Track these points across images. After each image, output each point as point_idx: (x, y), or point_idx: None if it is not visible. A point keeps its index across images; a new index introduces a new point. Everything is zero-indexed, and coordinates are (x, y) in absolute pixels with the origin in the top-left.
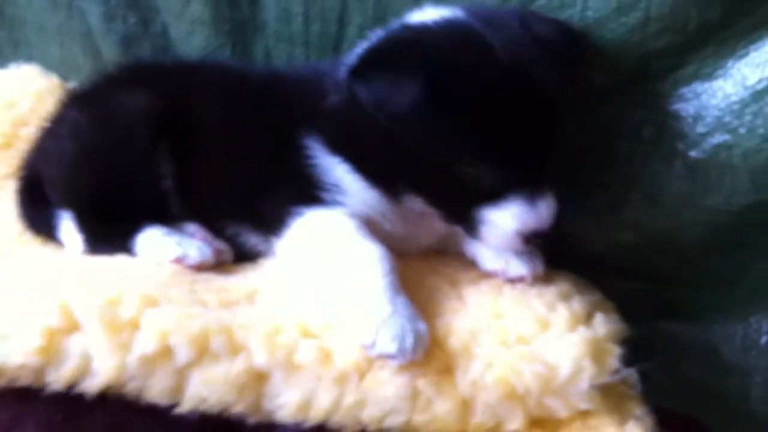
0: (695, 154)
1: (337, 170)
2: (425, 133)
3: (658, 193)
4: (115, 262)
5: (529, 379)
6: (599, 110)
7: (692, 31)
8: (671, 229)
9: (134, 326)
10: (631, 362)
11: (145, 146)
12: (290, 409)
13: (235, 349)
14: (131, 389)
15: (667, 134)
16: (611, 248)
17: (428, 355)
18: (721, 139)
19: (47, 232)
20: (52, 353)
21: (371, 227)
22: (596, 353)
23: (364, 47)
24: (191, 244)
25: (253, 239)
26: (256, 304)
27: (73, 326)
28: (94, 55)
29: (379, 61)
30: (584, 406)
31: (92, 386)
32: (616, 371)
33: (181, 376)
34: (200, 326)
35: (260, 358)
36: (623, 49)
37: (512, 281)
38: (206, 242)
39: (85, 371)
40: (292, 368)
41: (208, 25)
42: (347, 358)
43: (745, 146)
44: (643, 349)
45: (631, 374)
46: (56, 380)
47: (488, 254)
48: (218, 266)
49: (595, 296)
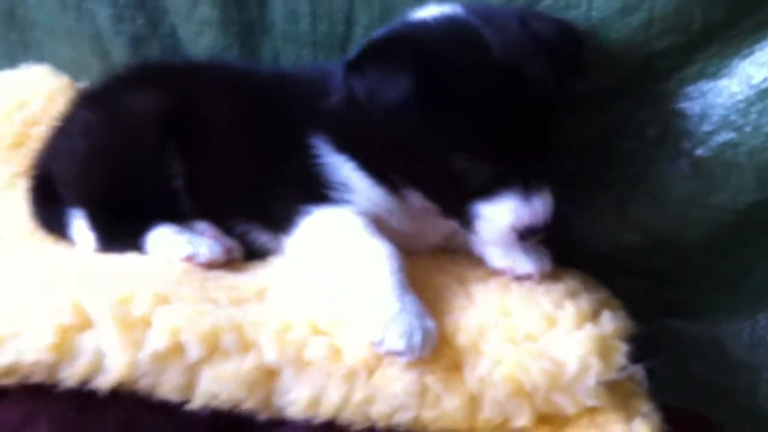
0: (701, 152)
1: (343, 168)
2: (417, 125)
3: (663, 192)
4: (126, 260)
5: (536, 375)
6: (604, 110)
7: (696, 30)
8: (677, 227)
9: (146, 323)
10: (637, 359)
11: (154, 146)
12: (300, 405)
13: (245, 346)
14: (143, 386)
15: (672, 133)
16: (616, 247)
17: (436, 352)
18: (726, 137)
19: (59, 230)
20: (65, 350)
21: (379, 225)
22: (603, 350)
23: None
24: (202, 242)
25: (262, 237)
26: (266, 301)
27: (85, 324)
28: (103, 55)
29: (372, 54)
30: (591, 402)
31: (105, 383)
32: (622, 368)
33: (192, 372)
34: (211, 323)
35: (270, 354)
36: (628, 49)
37: (520, 279)
38: (216, 240)
39: (97, 368)
40: (302, 365)
41: (216, 26)
42: (356, 354)
43: (750, 144)
44: (649, 346)
45: (637, 371)
46: (69, 377)
47: (496, 252)
48: (228, 264)
49: (602, 294)
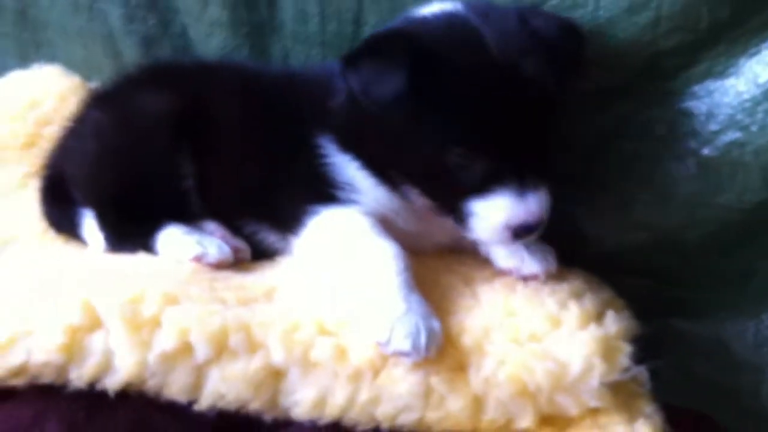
0: (707, 151)
1: (349, 168)
2: (411, 121)
3: (669, 191)
4: (136, 260)
5: (540, 376)
6: (611, 109)
7: (704, 29)
8: (683, 227)
9: (155, 324)
10: (641, 360)
11: (165, 146)
12: (306, 406)
13: (253, 346)
14: (151, 386)
15: (678, 132)
16: (622, 246)
17: (441, 352)
18: (733, 136)
19: (70, 230)
20: (74, 351)
21: (386, 225)
22: (607, 351)
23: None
24: (211, 242)
25: (270, 237)
26: (274, 301)
27: (95, 324)
28: (115, 55)
29: (368, 50)
30: (594, 403)
31: (113, 383)
32: (626, 369)
33: (200, 373)
34: (219, 324)
35: (278, 355)
36: (635, 48)
37: (525, 279)
38: (225, 240)
39: (106, 368)
40: (308, 365)
41: (226, 26)
42: (362, 355)
43: (757, 144)
44: (654, 346)
45: (641, 372)
46: (78, 377)
47: (502, 252)
48: (237, 264)
49: (606, 294)
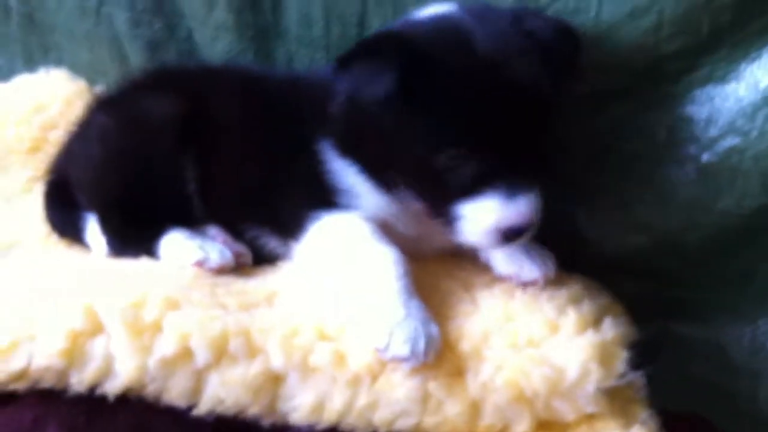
0: (707, 157)
1: (348, 173)
2: (402, 121)
3: (669, 195)
4: (138, 264)
5: (537, 381)
6: (612, 112)
7: (705, 34)
8: (682, 229)
9: (156, 328)
10: (638, 365)
11: (170, 150)
12: (304, 411)
13: (253, 351)
14: (151, 391)
15: (679, 137)
16: (622, 249)
17: (440, 357)
18: (732, 142)
19: (74, 234)
20: (75, 355)
21: (386, 230)
22: (604, 357)
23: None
24: (213, 247)
25: (272, 242)
26: (275, 306)
27: (97, 329)
28: (121, 59)
29: (360, 52)
30: (590, 409)
31: (114, 388)
32: (622, 375)
33: (199, 377)
34: (220, 329)
35: (277, 360)
36: (637, 52)
37: (525, 284)
38: (227, 245)
39: (107, 373)
40: (307, 370)
41: (231, 30)
42: (361, 360)
43: (756, 149)
44: (651, 349)
45: (637, 378)
46: (79, 382)
47: (502, 258)
48: (238, 269)
49: (604, 299)
